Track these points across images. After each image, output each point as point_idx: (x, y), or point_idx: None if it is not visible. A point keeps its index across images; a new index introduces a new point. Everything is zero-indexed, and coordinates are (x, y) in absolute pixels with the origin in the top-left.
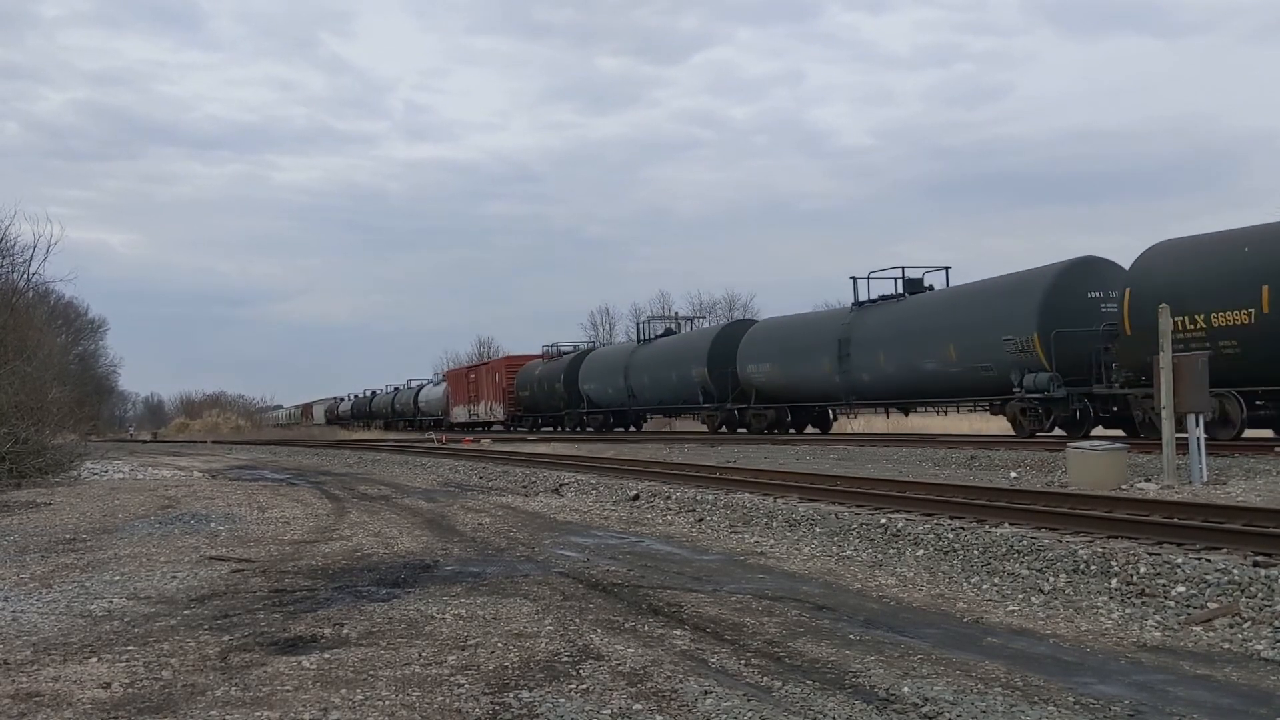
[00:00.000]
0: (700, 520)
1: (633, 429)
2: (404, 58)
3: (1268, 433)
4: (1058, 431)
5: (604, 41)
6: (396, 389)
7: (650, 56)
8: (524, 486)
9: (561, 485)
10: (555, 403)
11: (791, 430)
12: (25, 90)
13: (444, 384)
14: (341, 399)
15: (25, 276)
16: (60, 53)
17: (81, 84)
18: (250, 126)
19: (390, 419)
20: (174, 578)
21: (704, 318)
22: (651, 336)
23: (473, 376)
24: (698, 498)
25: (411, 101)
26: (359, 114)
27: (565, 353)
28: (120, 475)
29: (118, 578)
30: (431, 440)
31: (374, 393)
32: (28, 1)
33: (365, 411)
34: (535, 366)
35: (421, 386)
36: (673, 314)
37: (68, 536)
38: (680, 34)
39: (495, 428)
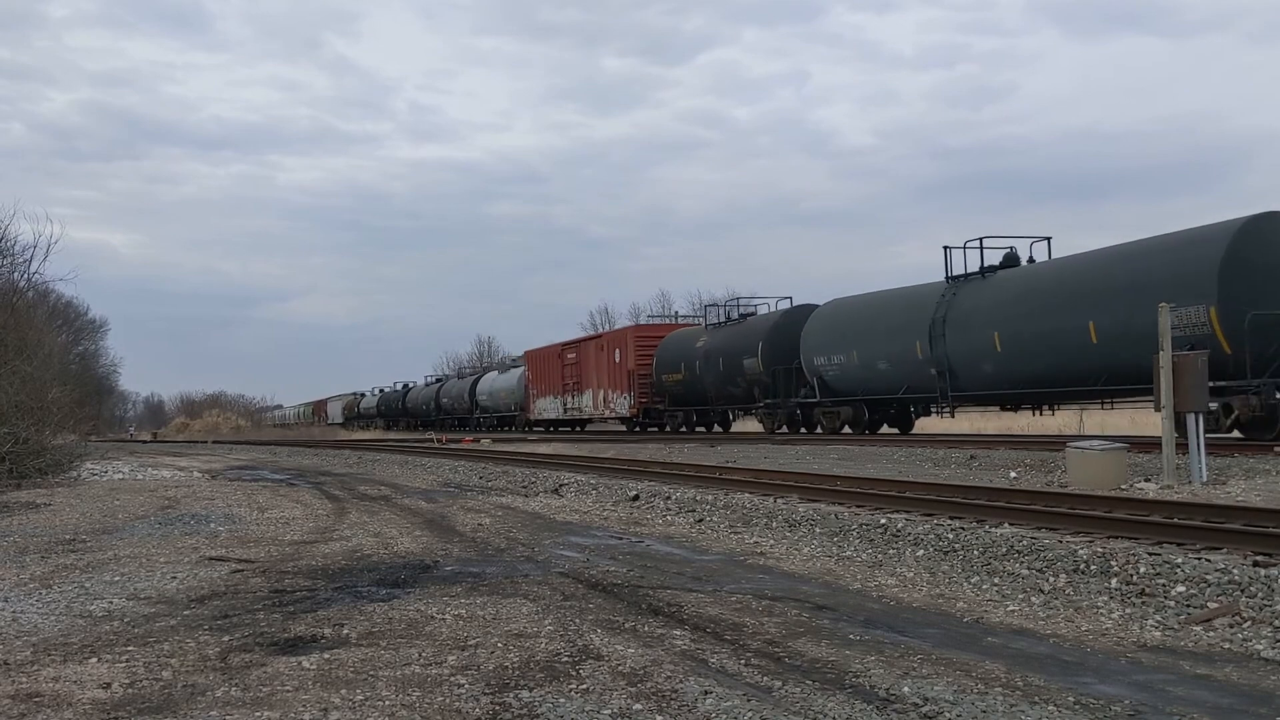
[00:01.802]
0: (700, 520)
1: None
2: (409, 58)
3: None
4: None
5: (609, 42)
6: (440, 380)
7: (655, 57)
8: (524, 486)
9: (561, 485)
10: (742, 389)
11: None
12: (31, 91)
13: (519, 370)
14: (363, 394)
15: (25, 276)
16: (66, 53)
17: (87, 85)
18: (254, 127)
19: (433, 417)
20: (174, 578)
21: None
22: (992, 266)
23: (572, 356)
24: (698, 498)
25: (416, 102)
26: (364, 114)
27: (746, 315)
28: (120, 475)
29: (118, 578)
30: (432, 440)
31: (407, 386)
32: (35, 2)
33: (397, 408)
34: (694, 336)
35: (479, 376)
36: (673, 313)
37: (68, 537)
38: (686, 34)
39: (592, 426)
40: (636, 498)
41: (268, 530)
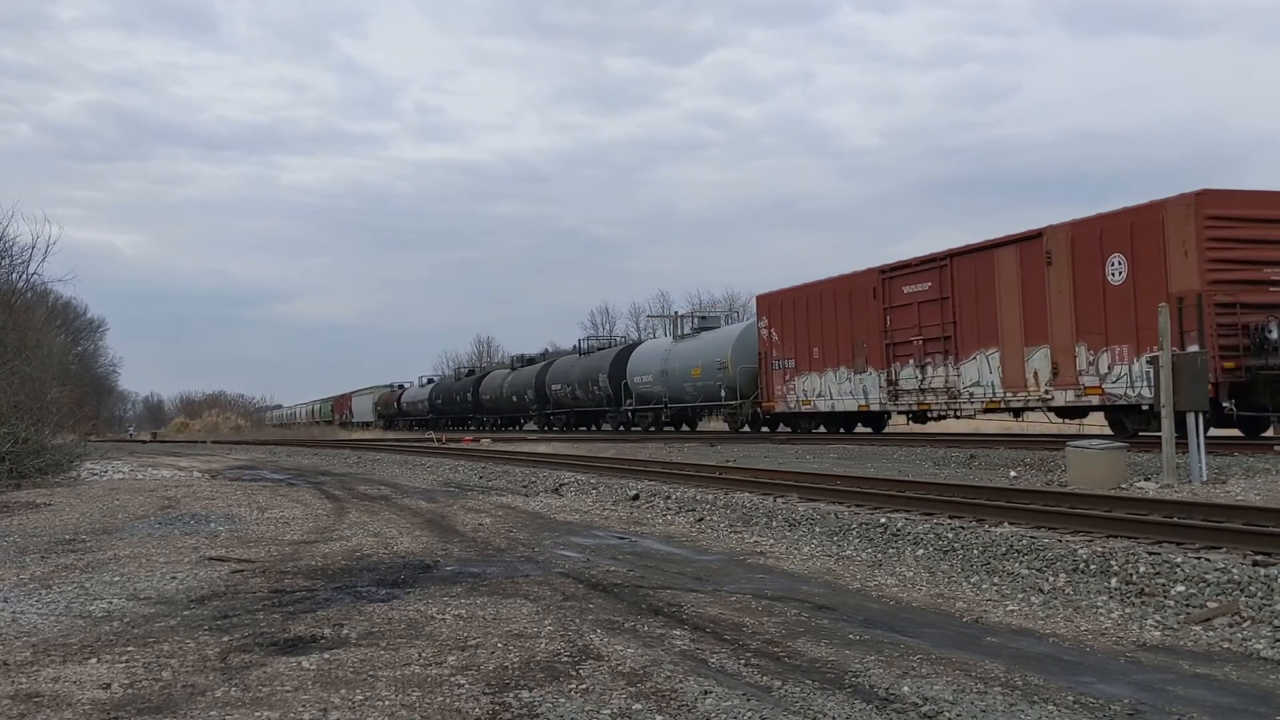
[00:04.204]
0: (700, 520)
1: None
2: (416, 59)
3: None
4: (1053, 430)
5: (616, 42)
6: (533, 360)
7: (662, 57)
8: (524, 486)
9: (561, 485)
10: None
11: None
12: (38, 92)
13: (731, 331)
14: (402, 386)
15: (24, 277)
16: (73, 54)
17: (93, 86)
18: (260, 127)
19: (531, 412)
20: (174, 578)
21: (705, 316)
22: None
23: (920, 287)
24: (698, 497)
25: (422, 102)
26: (369, 115)
27: None
28: (120, 475)
29: (117, 578)
30: (431, 440)
31: (474, 371)
32: (43, 3)
33: (462, 402)
34: None
35: (630, 347)
36: (673, 313)
37: (67, 537)
38: (692, 35)
39: (959, 425)
40: (636, 497)
41: (267, 530)
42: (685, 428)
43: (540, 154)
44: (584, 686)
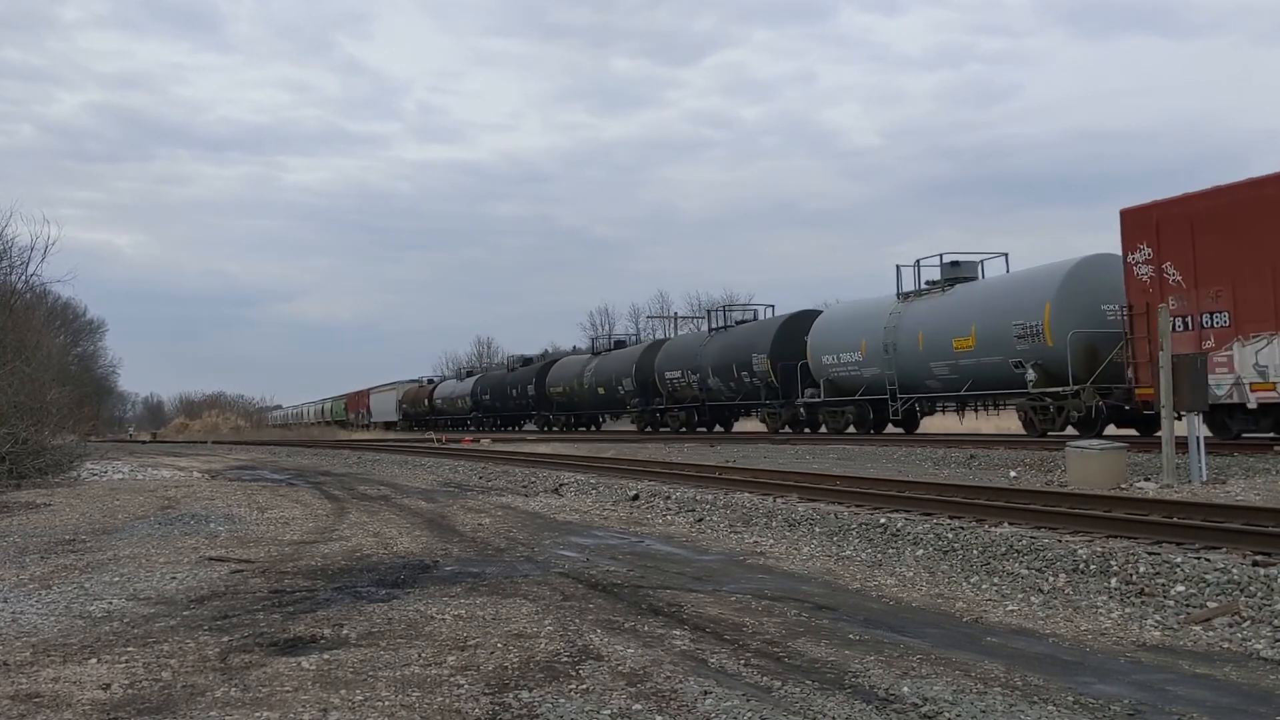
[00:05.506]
0: (700, 520)
1: None
2: (419, 59)
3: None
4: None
5: (619, 42)
6: (622, 343)
7: (664, 58)
8: (524, 486)
9: (561, 485)
10: None
11: None
12: (41, 92)
13: (1071, 270)
14: (433, 381)
15: (24, 278)
16: (77, 55)
17: (96, 86)
18: (263, 128)
19: (626, 406)
20: (173, 578)
21: (703, 318)
22: None
23: None
24: (698, 497)
25: (425, 103)
26: (372, 115)
27: None
28: (120, 476)
29: (117, 578)
30: (431, 440)
31: (529, 359)
32: (48, 4)
33: (520, 396)
34: None
35: (809, 315)
36: (672, 314)
37: (67, 537)
38: (695, 35)
39: None
40: (636, 497)
41: (267, 530)
42: (894, 429)
43: (542, 154)
44: (584, 687)
